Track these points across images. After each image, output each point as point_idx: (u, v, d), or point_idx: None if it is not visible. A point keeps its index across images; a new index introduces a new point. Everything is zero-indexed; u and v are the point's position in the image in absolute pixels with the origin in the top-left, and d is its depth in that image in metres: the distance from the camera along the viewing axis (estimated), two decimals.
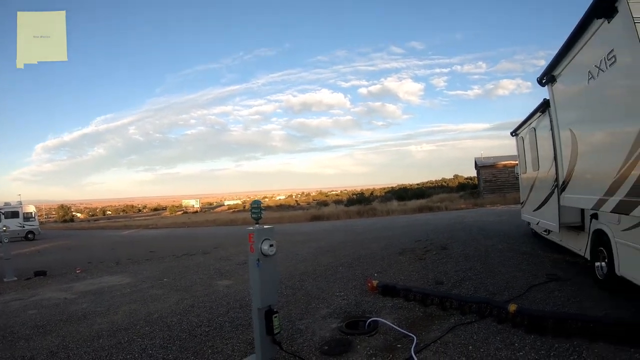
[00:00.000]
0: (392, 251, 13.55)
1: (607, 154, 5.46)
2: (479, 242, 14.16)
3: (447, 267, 10.48)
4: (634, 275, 6.31)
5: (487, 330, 5.98)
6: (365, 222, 28.50)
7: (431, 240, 15.43)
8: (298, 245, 17.13)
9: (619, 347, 5.08)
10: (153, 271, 13.28)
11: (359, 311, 7.18)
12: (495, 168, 46.28)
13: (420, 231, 18.65)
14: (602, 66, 5.19)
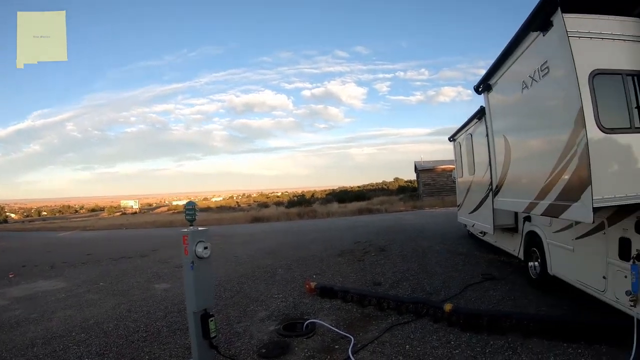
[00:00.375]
0: (332, 253, 13.68)
1: (538, 161, 5.72)
2: (417, 243, 14.48)
3: (385, 268, 10.69)
4: (565, 274, 6.75)
5: (424, 329, 6.17)
6: (305, 223, 28.48)
7: (370, 241, 15.63)
8: (237, 247, 17.02)
9: (552, 342, 5.41)
10: (89, 275, 12.86)
11: (297, 313, 7.27)
12: (435, 172, 47.10)
13: (359, 233, 18.84)
14: (536, 77, 5.42)
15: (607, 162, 4.55)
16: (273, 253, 14.56)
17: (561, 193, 5.03)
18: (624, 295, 5.09)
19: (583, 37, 4.63)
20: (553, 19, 4.73)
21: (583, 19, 4.69)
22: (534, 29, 5.20)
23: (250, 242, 18.62)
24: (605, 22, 4.77)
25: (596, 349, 5.15)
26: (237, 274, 11.03)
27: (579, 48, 4.52)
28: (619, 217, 5.27)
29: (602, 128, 4.49)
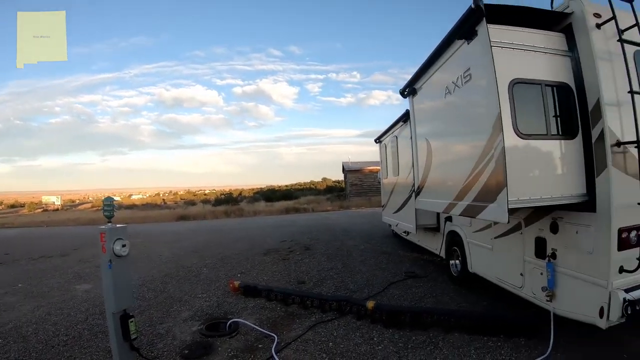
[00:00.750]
0: (257, 252, 13.68)
1: (458, 163, 5.93)
2: (342, 242, 14.73)
3: (309, 267, 10.81)
4: (484, 271, 7.15)
5: (347, 326, 6.29)
6: (232, 222, 28.18)
7: (296, 240, 15.79)
8: (162, 246, 16.63)
9: (472, 337, 5.68)
10: (6, 276, 12.08)
11: (221, 312, 7.24)
12: (362, 173, 47.55)
13: (285, 232, 18.92)
14: (459, 83, 5.61)
15: (522, 166, 4.78)
16: (198, 252, 14.37)
17: (478, 194, 5.26)
18: (540, 291, 5.51)
19: (505, 48, 4.83)
20: (478, 28, 4.87)
21: (506, 31, 4.90)
22: (459, 37, 5.34)
23: (176, 240, 18.24)
24: (529, 35, 5.01)
25: (515, 342, 5.48)
26: (161, 274, 10.81)
27: (501, 57, 4.70)
28: (535, 218, 5.66)
29: (519, 134, 4.74)
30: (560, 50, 5.11)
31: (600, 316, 4.59)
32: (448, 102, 6.16)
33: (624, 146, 4.66)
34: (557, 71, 5.06)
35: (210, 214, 36.41)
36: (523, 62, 4.94)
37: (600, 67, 4.74)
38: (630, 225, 4.59)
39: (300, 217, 29.20)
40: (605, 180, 4.64)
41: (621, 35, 4.69)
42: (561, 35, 5.16)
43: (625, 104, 4.65)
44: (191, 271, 11.00)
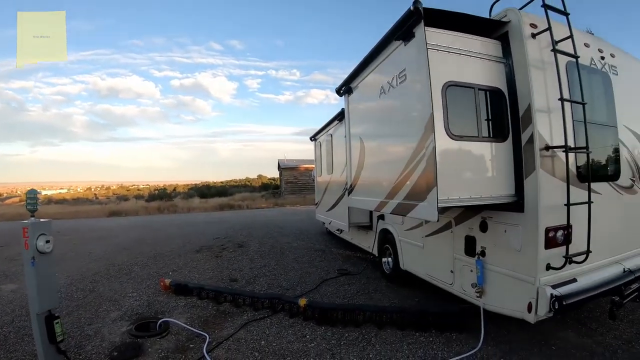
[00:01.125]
0: (190, 249, 13.45)
1: (390, 162, 5.99)
2: (276, 240, 14.69)
3: (242, 264, 10.73)
4: (416, 269, 7.34)
5: (280, 324, 6.28)
6: (165, 218, 27.60)
7: (229, 238, 15.62)
8: (93, 242, 15.94)
9: (405, 332, 5.82)
10: None
11: (151, 312, 7.07)
12: (297, 170, 47.54)
13: (219, 229, 18.69)
14: (394, 83, 5.67)
15: (453, 166, 4.87)
16: (130, 249, 13.91)
17: (409, 193, 5.33)
18: (470, 288, 5.69)
19: (441, 51, 4.90)
20: (415, 30, 4.92)
21: (444, 35, 4.97)
22: (397, 38, 5.38)
23: (107, 237, 17.54)
24: (465, 41, 5.11)
25: (447, 336, 5.66)
26: (90, 272, 10.38)
27: (436, 60, 4.77)
28: (466, 217, 5.85)
29: (450, 135, 4.83)
30: (496, 57, 5.27)
31: (529, 311, 4.75)
32: (383, 102, 6.22)
33: (553, 150, 4.87)
34: (491, 76, 5.21)
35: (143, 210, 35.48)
36: (458, 65, 5.04)
37: (533, 74, 4.92)
38: (556, 225, 4.80)
39: (234, 214, 28.96)
40: (534, 182, 4.83)
41: (555, 45, 4.89)
42: (497, 43, 5.31)
43: (556, 111, 4.86)
44: (122, 269, 10.64)
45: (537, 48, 5.04)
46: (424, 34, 4.73)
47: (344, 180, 9.27)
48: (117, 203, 48.59)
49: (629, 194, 6.02)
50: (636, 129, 6.27)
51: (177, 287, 8.02)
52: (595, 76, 5.78)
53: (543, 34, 5.00)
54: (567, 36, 5.02)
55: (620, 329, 5.86)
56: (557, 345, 5.36)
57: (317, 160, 14.33)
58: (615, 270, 5.49)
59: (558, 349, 5.28)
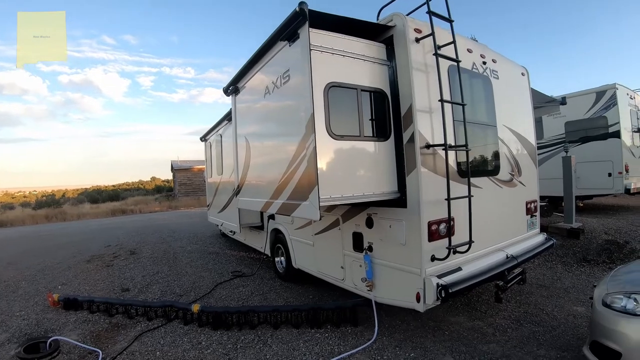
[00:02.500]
0: (80, 259, 12.75)
1: (274, 162, 6.04)
2: (169, 244, 14.36)
3: (134, 272, 10.40)
4: (308, 266, 7.45)
5: (174, 333, 6.17)
6: (54, 227, 26.12)
7: (121, 244, 15.03)
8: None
9: (300, 330, 5.93)
10: None
11: (41, 331, 6.65)
12: (191, 172, 46.84)
13: (111, 236, 17.96)
14: (278, 83, 5.69)
15: (334, 165, 4.96)
16: (16, 263, 12.91)
17: (292, 192, 5.39)
18: (360, 282, 5.85)
19: (325, 52, 4.96)
20: (300, 31, 4.95)
21: (328, 37, 5.03)
22: (282, 39, 5.38)
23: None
24: (350, 43, 5.22)
25: (342, 331, 5.83)
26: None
27: (319, 61, 4.82)
28: (352, 214, 6.01)
29: (332, 134, 4.91)
30: (380, 59, 5.44)
31: (418, 301, 4.96)
32: (267, 102, 6.25)
33: (433, 148, 5.14)
34: (375, 78, 5.36)
35: (30, 219, 33.44)
36: (341, 67, 5.13)
37: (415, 77, 5.13)
38: (438, 219, 5.06)
39: (127, 219, 27.94)
40: (415, 179, 5.05)
41: (437, 50, 5.13)
42: (382, 46, 5.48)
43: (437, 111, 5.15)
44: (8, 286, 9.87)
45: (421, 52, 5.26)
46: (307, 35, 4.75)
47: (234, 181, 9.19)
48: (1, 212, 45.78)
49: (508, 187, 6.55)
50: (515, 128, 6.82)
51: (66, 302, 7.62)
52: (476, 80, 6.18)
53: (427, 39, 5.22)
54: (449, 42, 5.29)
55: (509, 310, 6.36)
56: (450, 330, 5.71)
57: (207, 161, 14.21)
58: (499, 257, 5.91)
59: (451, 333, 5.61)
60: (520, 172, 6.88)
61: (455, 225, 5.20)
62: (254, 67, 6.69)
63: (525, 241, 6.76)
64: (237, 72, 7.31)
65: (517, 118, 7.05)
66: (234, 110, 7.94)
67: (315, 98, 4.73)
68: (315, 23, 4.88)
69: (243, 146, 7.51)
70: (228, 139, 10.13)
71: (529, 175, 7.15)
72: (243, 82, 7.34)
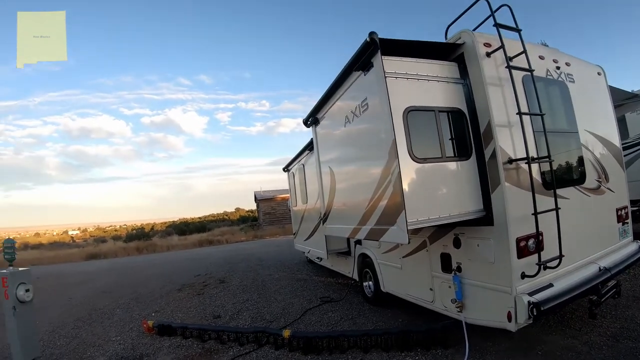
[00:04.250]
0: (171, 288, 13.33)
1: (360, 189, 6.09)
2: (257, 272, 14.64)
3: (224, 300, 10.65)
4: (396, 290, 7.39)
5: (266, 357, 6.27)
6: (144, 258, 27.27)
7: (210, 274, 15.52)
8: (72, 288, 15.78)
9: (390, 354, 5.84)
10: None
11: (136, 355, 7.00)
12: (274, 201, 47.52)
13: (200, 265, 18.57)
14: (357, 112, 5.82)
15: (419, 188, 5.00)
16: (111, 292, 13.74)
17: (380, 218, 5.42)
18: (450, 303, 5.77)
19: (400, 77, 5.07)
20: (373, 60, 5.06)
21: (401, 62, 5.16)
22: (357, 69, 5.51)
23: (86, 281, 17.36)
24: (422, 65, 5.30)
25: (433, 353, 5.70)
26: (72, 318, 10.27)
27: (395, 87, 4.92)
28: (439, 235, 5.97)
29: (414, 158, 4.97)
30: (453, 78, 5.46)
31: (509, 320, 4.84)
32: (348, 130, 6.36)
33: (516, 163, 5.05)
34: (450, 98, 5.38)
35: (121, 251, 34.98)
36: (417, 90, 5.20)
37: (490, 92, 5.10)
38: (526, 234, 4.94)
39: (214, 250, 28.74)
40: (500, 195, 4.97)
41: (509, 62, 5.10)
42: (454, 64, 5.52)
43: (516, 125, 5.06)
44: (104, 313, 10.52)
45: (493, 66, 5.24)
46: (381, 63, 4.87)
47: (319, 208, 9.27)
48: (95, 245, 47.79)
49: (596, 195, 6.25)
50: (597, 131, 6.54)
51: (161, 328, 7.96)
52: (552, 86, 6.04)
53: (497, 52, 5.21)
54: (520, 52, 5.24)
55: (604, 326, 6.00)
56: (543, 350, 5.46)
57: (291, 191, 14.42)
58: (591, 270, 5.63)
59: (544, 353, 5.37)
60: (608, 177, 6.57)
61: (544, 240, 5.05)
62: (332, 98, 6.86)
63: (619, 251, 6.43)
64: (315, 104, 7.49)
65: (599, 120, 6.77)
66: (316, 140, 8.11)
67: (395, 123, 4.81)
68: (387, 50, 5.00)
69: (327, 174, 7.66)
70: (311, 168, 10.33)
71: (617, 179, 6.81)
72: (322, 113, 7.51)
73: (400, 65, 5.15)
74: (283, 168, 14.96)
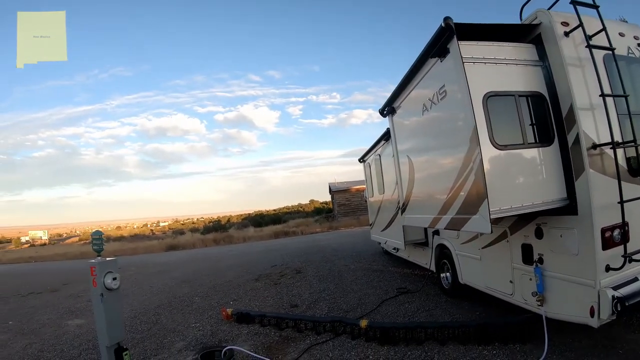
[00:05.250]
0: (249, 278, 13.57)
1: (440, 178, 6.03)
2: (333, 263, 14.71)
3: (301, 289, 10.75)
4: (474, 281, 7.22)
5: (342, 347, 6.28)
6: (222, 249, 28.00)
7: (287, 264, 15.71)
8: (153, 277, 16.49)
9: (467, 347, 5.71)
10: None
11: (215, 341, 7.17)
12: (349, 192, 47.52)
13: (276, 256, 18.82)
14: (435, 99, 5.73)
15: (501, 176, 4.89)
16: (189, 281, 14.22)
17: (461, 207, 5.34)
18: (530, 297, 5.57)
19: (477, 63, 4.97)
20: (449, 46, 4.99)
21: (477, 46, 5.05)
22: (433, 56, 5.45)
23: (166, 271, 18.08)
24: (499, 49, 5.16)
25: (510, 348, 5.52)
26: (153, 305, 10.70)
27: (473, 72, 4.83)
28: (520, 225, 5.76)
29: (495, 145, 4.86)
30: (532, 61, 5.27)
31: (592, 315, 4.65)
32: (426, 119, 6.28)
33: (600, 148, 4.78)
34: (530, 81, 5.20)
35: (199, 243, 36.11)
36: (495, 75, 5.08)
37: (571, 73, 4.88)
38: (612, 224, 4.68)
39: (290, 241, 29.09)
40: (585, 183, 4.75)
41: (589, 41, 4.84)
42: (531, 46, 5.32)
43: (599, 107, 4.80)
44: (183, 301, 10.88)
45: (572, 46, 5.01)
46: (458, 48, 4.79)
47: (396, 199, 9.30)
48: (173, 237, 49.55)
49: None
50: None
51: (239, 316, 8.13)
52: (635, 65, 5.61)
53: (576, 31, 4.97)
54: (599, 29, 4.96)
55: None
56: (625, 349, 5.16)
57: (367, 181, 14.41)
58: None
59: (626, 352, 5.07)
60: None
61: (630, 231, 4.78)
62: (408, 87, 6.79)
63: None
64: (391, 93, 7.45)
65: None
66: (392, 129, 8.08)
67: (476, 110, 4.73)
68: (463, 35, 4.90)
69: (405, 163, 7.58)
70: (387, 158, 10.28)
71: None
72: (398, 102, 7.45)
73: (477, 49, 5.05)
74: (359, 159, 14.96)
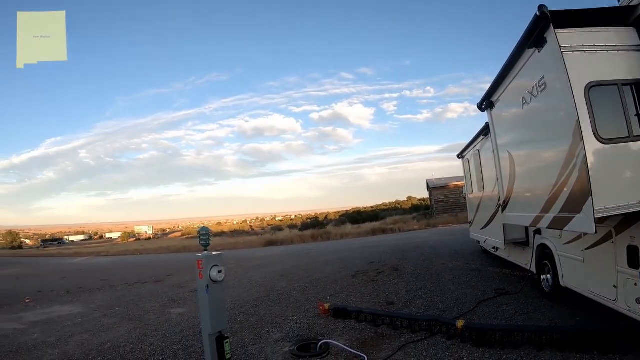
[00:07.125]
0: (346, 274, 13.60)
1: (541, 174, 5.77)
2: (430, 261, 14.44)
3: (398, 287, 10.65)
4: (576, 285, 6.74)
5: (437, 346, 6.14)
6: (319, 246, 28.38)
7: (384, 261, 15.60)
8: (252, 271, 16.98)
9: (565, 354, 5.38)
10: (105, 300, 12.92)
11: (311, 334, 7.25)
12: (447, 189, 46.78)
13: (373, 253, 18.73)
14: (534, 92, 5.50)
15: (607, 172, 4.60)
16: (287, 276, 14.51)
17: (564, 205, 5.08)
18: (635, 304, 5.10)
19: (577, 51, 4.73)
20: (546, 35, 4.81)
21: (576, 33, 4.80)
22: (530, 46, 5.28)
23: (265, 265, 18.59)
24: (599, 34, 4.87)
25: (610, 359, 5.14)
26: (252, 298, 11.03)
27: (573, 62, 4.60)
28: (626, 225, 5.30)
29: (600, 139, 4.57)
30: (633, 45, 4.93)
31: None
32: (526, 112, 6.05)
33: None
34: (633, 68, 4.88)
35: (297, 239, 36.82)
36: (596, 63, 4.81)
37: None
38: None
39: (387, 238, 29.00)
40: None
41: None
42: (632, 30, 4.97)
43: None
44: (281, 295, 11.11)
45: None
46: (555, 37, 4.60)
47: (496, 196, 9.01)
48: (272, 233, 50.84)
49: None
50: None
51: (336, 311, 8.18)
52: None
53: None
54: None
55: None
56: None
57: (466, 177, 14.08)
58: None
59: None
60: None
61: None
62: (506, 79, 6.59)
63: None
64: (488, 87, 7.30)
65: None
66: (492, 124, 7.86)
67: (578, 102, 4.51)
68: (559, 23, 4.70)
69: (506, 159, 7.36)
70: (486, 153, 10.00)
71: None
72: (496, 96, 7.24)
73: (575, 37, 4.80)
74: (457, 155, 14.72)
